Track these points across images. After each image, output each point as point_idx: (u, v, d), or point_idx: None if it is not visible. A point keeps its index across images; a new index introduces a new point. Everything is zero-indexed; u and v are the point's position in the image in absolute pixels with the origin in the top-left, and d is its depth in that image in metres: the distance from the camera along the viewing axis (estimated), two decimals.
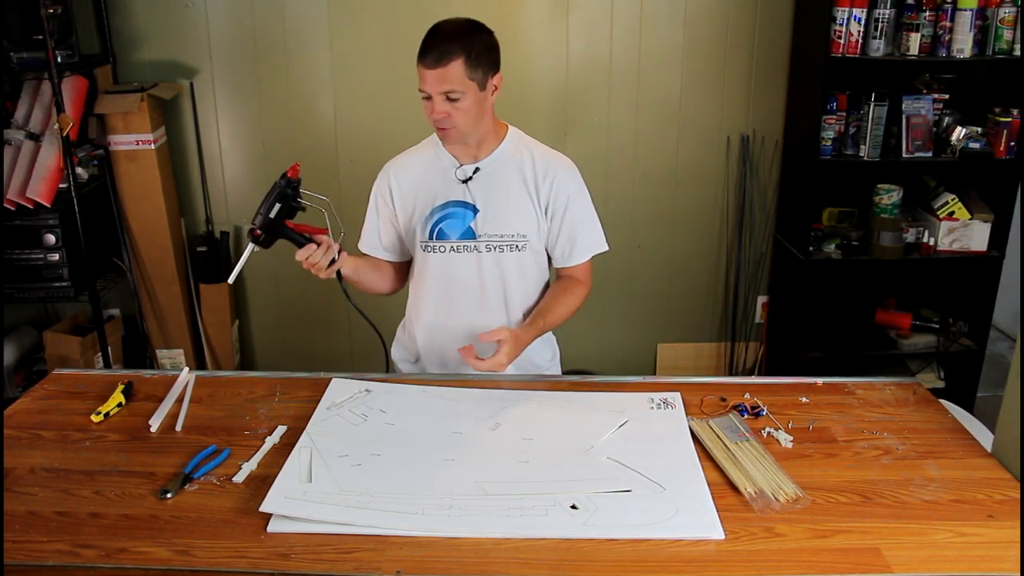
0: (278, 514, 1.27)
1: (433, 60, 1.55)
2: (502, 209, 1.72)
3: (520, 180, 1.73)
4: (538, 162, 1.74)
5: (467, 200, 1.72)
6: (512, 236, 1.73)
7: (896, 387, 1.71)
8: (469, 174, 1.72)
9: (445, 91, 1.57)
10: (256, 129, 3.11)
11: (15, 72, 2.70)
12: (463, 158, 1.73)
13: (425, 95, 1.60)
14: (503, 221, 1.72)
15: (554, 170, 1.73)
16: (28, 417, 1.59)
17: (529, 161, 1.74)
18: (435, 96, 1.58)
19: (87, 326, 3.05)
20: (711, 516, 1.27)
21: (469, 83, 1.58)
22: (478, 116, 1.63)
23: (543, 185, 1.73)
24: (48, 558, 1.20)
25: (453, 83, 1.56)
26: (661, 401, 1.63)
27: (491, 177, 1.72)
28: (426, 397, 1.65)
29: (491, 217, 1.72)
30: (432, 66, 1.56)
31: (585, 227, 1.78)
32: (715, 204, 3.25)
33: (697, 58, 3.08)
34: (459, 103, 1.58)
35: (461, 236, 1.73)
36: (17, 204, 2.66)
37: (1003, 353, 3.60)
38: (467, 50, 1.56)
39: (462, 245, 1.74)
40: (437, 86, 1.57)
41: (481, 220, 1.72)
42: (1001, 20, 2.72)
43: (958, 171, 3.04)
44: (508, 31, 3.02)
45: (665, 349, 3.45)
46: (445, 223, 1.73)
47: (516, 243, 1.73)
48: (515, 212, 1.72)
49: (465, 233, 1.73)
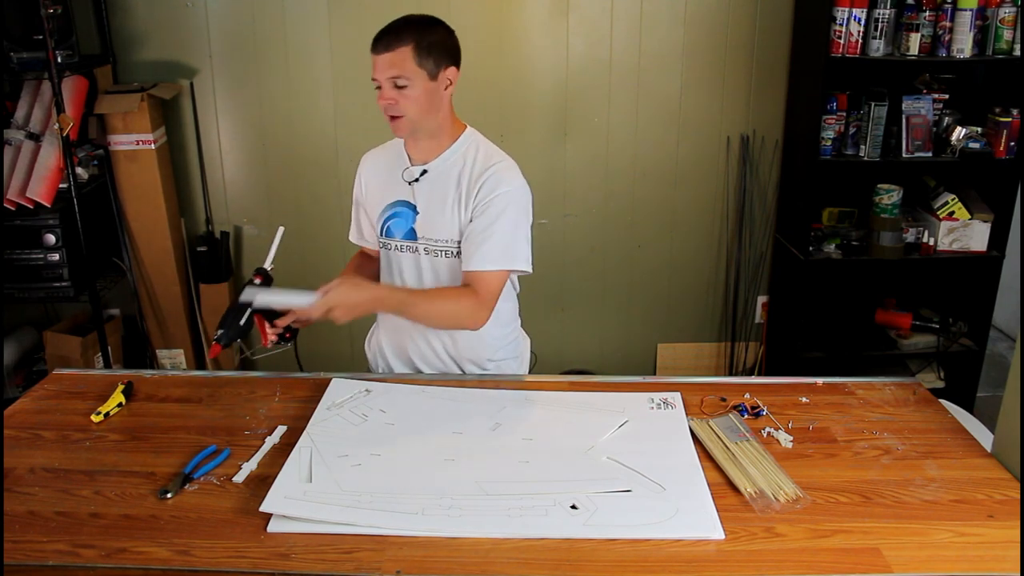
0: (278, 514, 1.27)
1: (383, 46, 1.57)
2: (438, 214, 1.69)
3: (456, 185, 1.68)
4: (477, 165, 1.68)
5: (411, 201, 1.72)
6: (446, 242, 1.69)
7: (896, 387, 1.71)
8: (416, 175, 1.71)
9: (392, 76, 1.57)
10: (256, 129, 3.12)
11: (15, 72, 2.70)
12: (416, 158, 1.73)
13: (376, 84, 1.61)
14: (438, 226, 1.70)
15: (487, 174, 1.65)
16: (28, 417, 1.59)
17: (470, 164, 1.68)
18: (383, 82, 1.59)
19: (87, 326, 3.05)
20: (711, 516, 1.27)
21: (418, 71, 1.57)
22: (427, 107, 1.62)
23: (473, 188, 1.66)
24: (48, 558, 1.20)
25: (400, 69, 1.56)
26: (661, 401, 1.63)
27: (435, 180, 1.70)
28: (426, 397, 1.65)
29: (428, 221, 1.70)
30: (382, 51, 1.57)
31: (494, 238, 1.63)
32: (715, 204, 3.25)
33: (697, 58, 3.08)
34: (406, 91, 1.58)
35: (405, 236, 1.73)
36: (17, 204, 2.66)
37: (1003, 353, 3.60)
38: (417, 38, 1.57)
39: (405, 245, 1.74)
40: (385, 71, 1.58)
41: (420, 223, 1.71)
42: (1001, 20, 2.72)
43: (958, 171, 3.03)
44: (508, 31, 3.03)
45: (665, 349, 3.45)
46: (392, 222, 1.74)
47: (450, 249, 1.70)
48: (448, 219, 1.68)
49: (408, 234, 1.73)
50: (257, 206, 3.20)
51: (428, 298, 1.66)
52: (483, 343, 1.81)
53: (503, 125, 3.08)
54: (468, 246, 1.65)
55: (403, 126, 1.63)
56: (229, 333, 1.51)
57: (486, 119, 3.19)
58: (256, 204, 3.20)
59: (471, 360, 1.82)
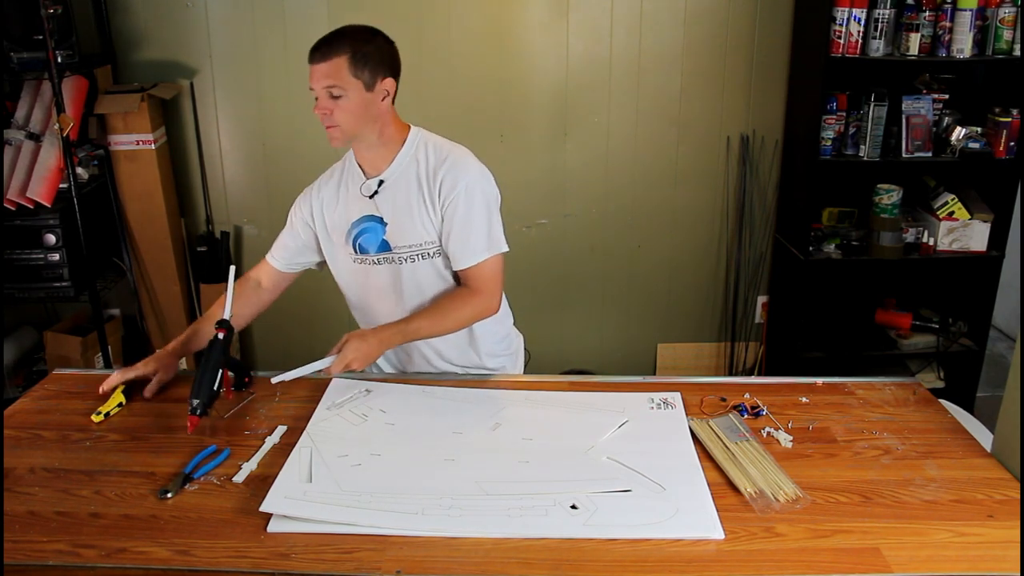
0: (278, 514, 1.27)
1: (320, 56, 1.57)
2: (406, 221, 1.69)
3: (417, 187, 1.68)
4: (431, 161, 1.68)
5: (376, 214, 1.71)
6: (422, 245, 1.70)
7: (896, 387, 1.71)
8: (374, 188, 1.70)
9: (327, 86, 1.58)
10: (256, 129, 3.12)
11: (15, 72, 2.70)
12: (369, 170, 1.72)
13: (315, 95, 1.61)
14: (409, 232, 1.69)
15: (445, 167, 1.67)
16: (28, 417, 1.59)
17: (424, 163, 1.69)
18: (319, 92, 1.59)
19: (87, 326, 3.05)
20: (711, 516, 1.27)
21: (353, 81, 1.57)
22: (363, 117, 1.62)
23: (435, 185, 1.67)
24: (48, 558, 1.20)
25: (335, 79, 1.57)
26: (661, 401, 1.63)
27: (394, 189, 1.70)
28: (426, 397, 1.65)
29: (399, 229, 1.70)
30: (318, 61, 1.57)
31: (474, 228, 1.66)
32: (715, 204, 3.25)
33: (697, 58, 3.08)
34: (341, 101, 1.58)
35: (379, 249, 1.72)
36: (17, 204, 2.66)
37: (1003, 353, 3.60)
38: (353, 49, 1.57)
39: (382, 258, 1.73)
40: (320, 81, 1.58)
41: (391, 233, 1.71)
42: (1001, 20, 2.72)
43: (958, 171, 3.04)
44: (508, 31, 3.03)
45: (665, 349, 3.45)
46: (363, 238, 1.73)
47: (427, 251, 1.71)
48: (418, 222, 1.69)
49: (381, 246, 1.72)
50: (257, 206, 3.20)
51: (433, 316, 1.68)
52: (479, 345, 1.82)
53: (503, 125, 3.08)
54: (454, 245, 1.68)
55: (337, 135, 1.64)
56: (205, 401, 1.49)
57: (486, 119, 3.20)
58: (256, 204, 3.20)
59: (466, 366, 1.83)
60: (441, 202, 1.66)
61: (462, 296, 1.70)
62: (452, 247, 1.68)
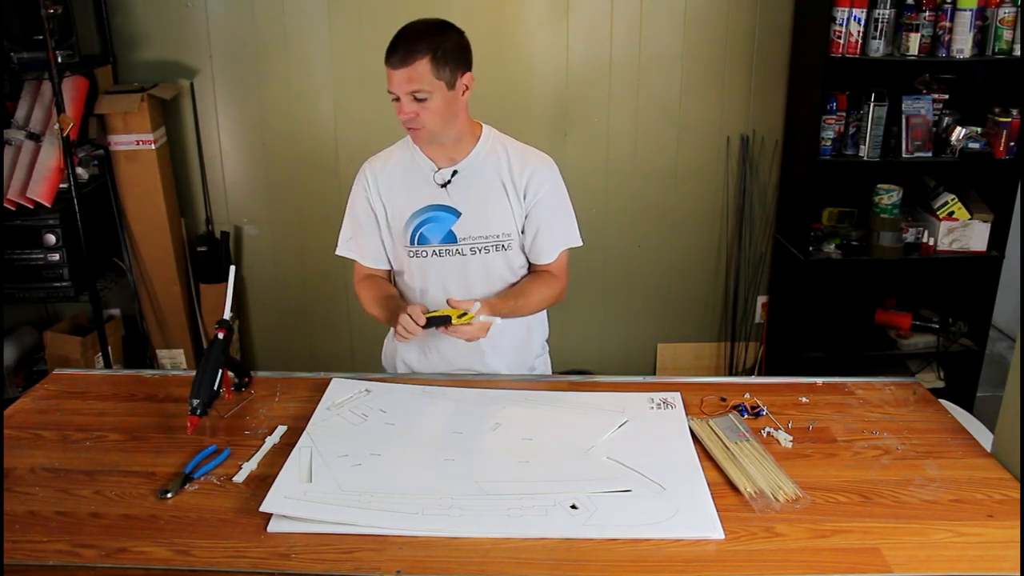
0: (278, 514, 1.27)
1: (399, 60, 1.55)
2: (483, 211, 1.71)
3: (498, 179, 1.71)
4: (514, 159, 1.72)
5: (447, 204, 1.71)
6: (496, 236, 1.72)
7: (896, 387, 1.71)
8: (448, 177, 1.70)
9: (412, 91, 1.56)
10: (256, 129, 3.12)
11: (15, 72, 2.70)
12: (440, 161, 1.72)
13: (394, 96, 1.59)
14: (485, 223, 1.71)
15: (531, 165, 1.72)
16: (28, 417, 1.59)
17: (505, 159, 1.72)
18: (402, 96, 1.57)
19: (87, 326, 3.05)
20: (711, 516, 1.27)
21: (436, 83, 1.57)
22: (448, 116, 1.62)
23: (520, 181, 1.71)
24: (48, 558, 1.20)
25: (420, 83, 1.55)
26: (661, 401, 1.63)
27: (470, 179, 1.71)
28: (426, 397, 1.65)
29: (473, 220, 1.71)
30: (398, 66, 1.55)
31: (561, 222, 1.77)
32: (715, 204, 3.25)
33: (697, 59, 3.08)
34: (427, 103, 1.57)
35: (443, 240, 1.72)
36: (17, 204, 2.66)
37: (1003, 353, 3.60)
38: (433, 49, 1.55)
39: (444, 249, 1.72)
40: (404, 86, 1.56)
41: (463, 223, 1.71)
42: (1001, 20, 2.72)
43: (958, 171, 3.04)
44: (508, 31, 3.03)
45: (665, 349, 3.45)
46: (426, 227, 1.72)
47: (502, 243, 1.73)
48: (496, 213, 1.71)
49: (447, 237, 1.72)
50: (257, 206, 3.20)
51: (528, 295, 1.74)
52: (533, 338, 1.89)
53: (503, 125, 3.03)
54: (543, 239, 1.76)
55: (424, 137, 1.64)
56: (205, 401, 1.49)
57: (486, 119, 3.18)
58: (256, 204, 3.20)
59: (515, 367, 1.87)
60: (529, 198, 1.72)
61: (546, 280, 1.78)
62: (541, 241, 1.75)
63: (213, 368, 1.52)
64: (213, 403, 1.52)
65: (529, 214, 1.73)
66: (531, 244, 1.76)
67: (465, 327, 1.56)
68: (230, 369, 1.58)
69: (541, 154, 1.77)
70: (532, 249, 1.77)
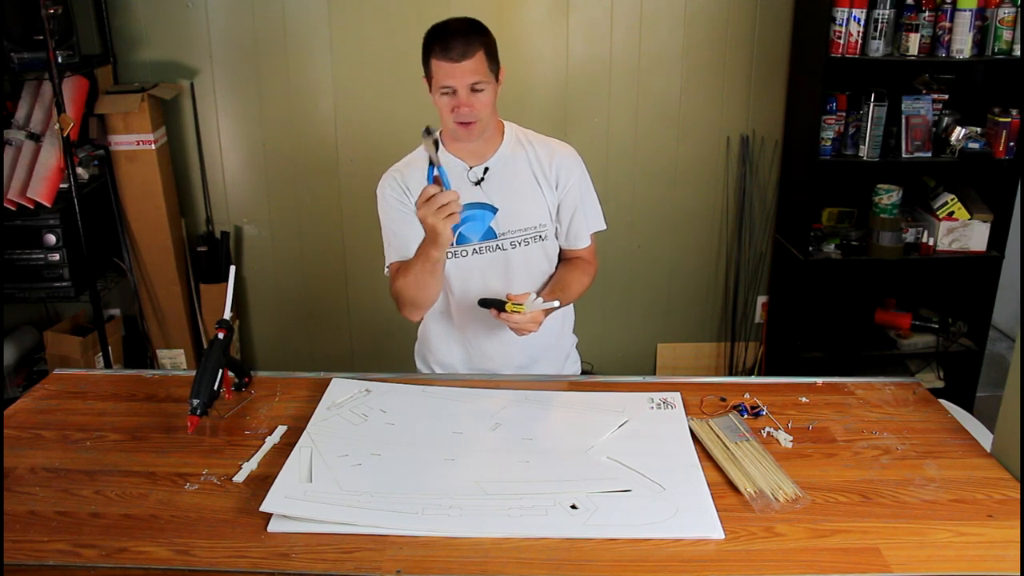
0: (278, 514, 1.27)
1: (459, 53, 1.57)
2: (519, 204, 1.74)
3: (529, 172, 1.75)
4: (540, 150, 1.76)
5: (483, 201, 1.72)
6: (534, 228, 1.75)
7: (896, 387, 1.71)
8: (481, 175, 1.72)
9: (473, 83, 1.59)
10: (256, 129, 3.12)
11: (15, 72, 2.70)
12: (469, 159, 1.73)
13: (448, 90, 1.60)
14: (523, 215, 1.74)
15: (559, 156, 1.77)
16: (29, 417, 1.59)
17: (532, 151, 1.76)
18: (461, 89, 1.59)
19: (87, 326, 3.05)
20: (711, 516, 1.28)
21: (490, 74, 1.62)
22: (494, 108, 1.68)
23: (551, 172, 1.75)
24: (48, 558, 1.20)
25: (480, 74, 1.59)
26: (661, 401, 1.63)
27: (502, 174, 1.73)
28: (426, 397, 1.66)
29: (510, 214, 1.73)
30: (459, 59, 1.57)
31: (591, 206, 1.83)
32: (715, 204, 3.25)
33: (697, 58, 3.08)
34: (482, 95, 1.61)
35: (483, 237, 1.74)
36: (18, 204, 2.66)
37: (1003, 353, 3.60)
38: (485, 43, 1.61)
39: (484, 246, 1.74)
40: (466, 78, 1.58)
41: (501, 218, 1.73)
42: (1000, 20, 2.72)
43: (957, 171, 3.04)
44: (508, 31, 3.03)
45: (665, 349, 3.45)
46: (464, 227, 1.72)
47: (539, 233, 1.76)
48: (531, 205, 1.75)
49: (486, 234, 1.74)
50: (257, 206, 3.20)
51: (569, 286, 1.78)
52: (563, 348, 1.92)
53: None
54: (576, 225, 1.80)
55: (476, 130, 1.65)
56: (205, 401, 1.49)
57: None
58: (256, 204, 3.20)
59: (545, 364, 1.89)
60: (561, 186, 1.75)
61: (582, 267, 1.82)
62: (576, 226, 1.80)
63: (213, 368, 1.52)
64: (213, 403, 1.52)
65: (562, 202, 1.77)
66: (567, 231, 1.80)
67: (518, 315, 1.57)
68: (230, 369, 1.58)
69: (563, 143, 1.82)
70: (568, 235, 1.81)
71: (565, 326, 1.93)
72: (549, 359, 1.89)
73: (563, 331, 1.93)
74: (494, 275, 1.76)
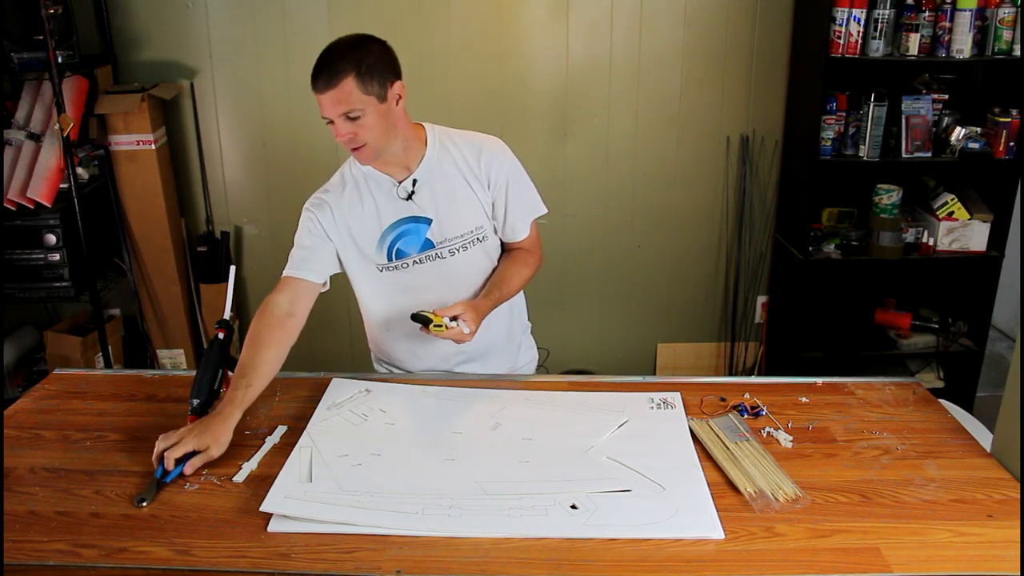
0: (278, 514, 1.27)
1: (324, 83, 1.52)
2: (453, 211, 1.69)
3: (459, 175, 1.70)
4: (467, 151, 1.71)
5: (416, 214, 1.69)
6: (472, 231, 1.72)
7: (896, 387, 1.71)
8: (410, 188, 1.68)
9: (343, 112, 1.53)
10: (256, 129, 3.12)
11: (15, 72, 2.70)
12: (396, 173, 1.69)
13: (327, 120, 1.56)
14: (459, 222, 1.70)
15: (486, 152, 1.71)
16: (29, 417, 1.59)
17: (459, 152, 1.71)
18: (335, 119, 1.55)
19: (87, 326, 3.05)
20: (711, 516, 1.28)
21: (366, 98, 1.53)
22: (386, 129, 1.58)
23: (480, 171, 1.70)
24: (48, 558, 1.20)
25: (349, 102, 1.51)
26: (661, 401, 1.63)
27: (432, 184, 1.69)
28: (426, 397, 1.66)
29: (446, 222, 1.69)
30: (324, 89, 1.52)
31: (526, 196, 1.78)
32: (715, 204, 3.25)
33: (697, 58, 3.08)
34: (361, 121, 1.54)
35: (421, 249, 1.71)
36: (18, 204, 2.66)
37: (1003, 353, 3.60)
38: (356, 66, 1.51)
39: (424, 256, 1.71)
40: (334, 108, 1.52)
41: (436, 228, 1.70)
42: (1000, 20, 2.72)
43: (957, 171, 3.04)
44: (508, 32, 3.03)
45: (665, 349, 3.45)
46: (401, 242, 1.70)
47: (478, 236, 1.73)
48: (466, 209, 1.70)
49: (424, 245, 1.70)
50: (257, 206, 3.20)
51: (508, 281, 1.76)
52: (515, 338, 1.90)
53: (503, 125, 3.08)
54: (512, 219, 1.76)
55: (368, 154, 1.60)
56: (205, 401, 1.49)
57: (486, 119, 3.20)
58: (256, 204, 3.20)
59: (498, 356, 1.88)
60: (493, 184, 1.72)
61: (522, 259, 1.79)
62: (513, 219, 1.76)
63: (213, 368, 1.52)
64: (213, 403, 1.52)
65: (496, 199, 1.73)
66: (504, 225, 1.76)
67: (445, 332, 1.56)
68: (230, 369, 1.58)
69: (488, 137, 1.76)
70: (506, 230, 1.77)
71: (514, 319, 1.90)
72: (501, 351, 1.87)
73: (512, 324, 1.89)
74: (437, 283, 1.72)
